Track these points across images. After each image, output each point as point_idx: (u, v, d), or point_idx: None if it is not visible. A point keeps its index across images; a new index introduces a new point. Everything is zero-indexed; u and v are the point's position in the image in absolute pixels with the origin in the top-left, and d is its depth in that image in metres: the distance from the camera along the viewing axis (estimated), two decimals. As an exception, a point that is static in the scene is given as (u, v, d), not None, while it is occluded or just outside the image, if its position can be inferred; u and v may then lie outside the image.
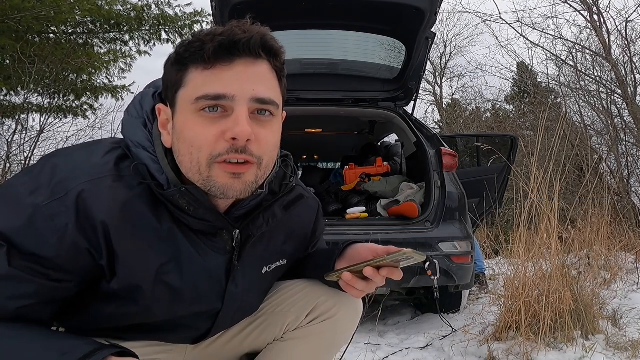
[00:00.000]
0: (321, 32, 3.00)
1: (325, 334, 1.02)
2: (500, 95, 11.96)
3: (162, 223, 0.77)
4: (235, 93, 0.72)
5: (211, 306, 0.87)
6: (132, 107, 0.84)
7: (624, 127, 6.32)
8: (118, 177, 0.74)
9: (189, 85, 0.74)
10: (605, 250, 3.33)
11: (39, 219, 0.69)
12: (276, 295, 1.02)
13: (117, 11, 7.83)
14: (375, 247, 0.92)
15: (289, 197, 0.94)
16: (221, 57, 0.72)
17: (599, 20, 6.81)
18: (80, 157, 0.77)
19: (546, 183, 2.38)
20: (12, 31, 6.53)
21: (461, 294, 2.92)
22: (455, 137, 5.91)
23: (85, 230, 0.71)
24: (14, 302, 0.69)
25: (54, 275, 0.70)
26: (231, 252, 0.85)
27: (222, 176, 0.74)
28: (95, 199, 0.71)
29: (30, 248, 0.68)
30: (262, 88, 0.75)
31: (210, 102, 0.72)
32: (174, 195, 0.75)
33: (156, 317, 0.82)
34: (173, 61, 0.76)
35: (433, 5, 2.61)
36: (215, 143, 0.72)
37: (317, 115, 3.58)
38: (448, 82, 15.84)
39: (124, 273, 0.75)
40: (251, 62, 0.74)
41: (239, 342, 1.02)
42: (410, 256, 0.81)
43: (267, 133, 0.76)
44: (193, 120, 0.73)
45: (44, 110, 6.13)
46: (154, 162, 0.76)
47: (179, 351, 0.95)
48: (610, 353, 1.97)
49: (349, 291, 0.90)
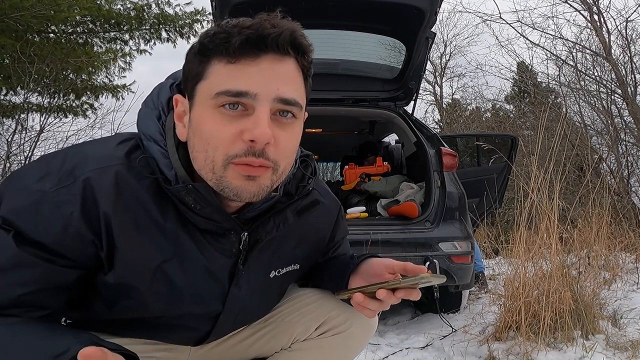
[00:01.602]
0: (321, 32, 3.00)
1: (335, 348, 0.99)
2: (500, 95, 11.98)
3: (167, 219, 0.75)
4: (259, 91, 0.68)
5: (211, 307, 0.85)
6: (150, 99, 0.81)
7: (624, 127, 6.31)
8: (127, 167, 0.72)
9: (210, 78, 0.70)
10: (605, 250, 3.33)
11: (46, 206, 0.68)
12: (287, 304, 1.00)
13: (117, 10, 7.82)
14: (392, 263, 0.86)
15: (304, 201, 0.90)
16: (247, 51, 0.68)
17: (599, 20, 6.81)
18: (93, 147, 0.76)
19: (546, 183, 2.38)
20: (11, 30, 6.52)
21: (461, 294, 2.92)
22: (455, 137, 5.91)
23: (90, 220, 0.69)
24: (18, 289, 0.68)
25: (58, 262, 0.69)
26: (237, 254, 0.83)
27: (236, 178, 0.70)
28: (101, 188, 0.69)
29: (35, 234, 0.67)
30: (287, 88, 0.70)
31: (230, 99, 0.68)
32: (180, 191, 0.72)
33: (154, 313, 0.81)
34: (196, 51, 0.72)
35: (433, 5, 2.61)
36: (232, 143, 0.69)
37: (317, 115, 3.57)
38: (448, 82, 15.88)
39: (121, 267, 0.73)
40: (278, 59, 0.70)
41: (245, 347, 1.00)
42: (427, 280, 0.76)
43: (287, 136, 0.72)
44: (211, 116, 0.69)
45: (44, 110, 6.12)
46: (164, 156, 0.74)
47: (182, 351, 0.94)
48: (610, 353, 1.97)
49: (361, 311, 0.85)
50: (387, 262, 0.87)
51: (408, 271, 0.82)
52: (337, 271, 0.96)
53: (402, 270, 0.83)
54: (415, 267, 0.81)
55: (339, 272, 0.95)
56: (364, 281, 0.88)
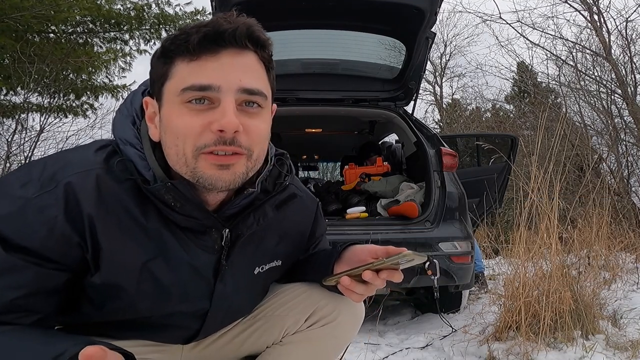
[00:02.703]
0: (321, 32, 3.00)
1: (324, 339, 1.01)
2: (500, 95, 11.96)
3: (149, 220, 0.76)
4: (221, 84, 0.71)
5: (199, 305, 0.87)
6: (123, 106, 0.84)
7: (624, 127, 6.31)
8: (107, 170, 0.74)
9: (175, 77, 0.73)
10: (605, 250, 3.33)
11: (29, 211, 0.69)
12: (275, 299, 1.02)
13: (117, 10, 7.84)
14: (374, 248, 0.90)
15: (281, 196, 0.93)
16: (206, 47, 0.72)
17: (599, 20, 6.81)
18: (72, 154, 0.78)
19: (546, 183, 2.38)
20: (11, 30, 6.53)
21: (461, 294, 2.92)
22: (455, 137, 5.91)
23: (74, 222, 0.71)
24: (10, 293, 0.69)
25: (46, 265, 0.71)
26: (220, 251, 0.84)
27: (209, 168, 0.73)
28: (83, 191, 0.71)
29: (21, 240, 0.69)
30: (249, 79, 0.74)
31: (196, 94, 0.71)
32: (159, 190, 0.74)
33: (142, 313, 0.82)
34: (159, 55, 0.76)
35: (433, 5, 2.61)
36: (200, 134, 0.71)
37: (317, 115, 3.58)
38: (448, 82, 15.88)
39: (107, 268, 0.74)
40: (237, 53, 0.73)
41: (237, 345, 1.01)
42: (410, 258, 0.79)
43: (256, 123, 0.75)
44: (178, 112, 0.72)
45: (44, 110, 6.13)
46: (141, 158, 0.76)
47: (173, 351, 0.94)
48: (610, 353, 1.97)
49: (349, 295, 0.88)
50: (370, 247, 0.91)
51: (391, 254, 0.85)
52: (321, 261, 0.98)
53: (385, 254, 0.86)
54: (398, 250, 0.84)
55: (323, 261, 0.97)
56: (349, 267, 0.90)
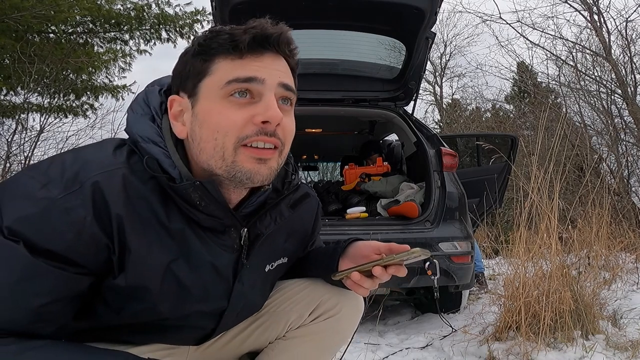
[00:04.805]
0: (321, 31, 3.00)
1: (327, 332, 1.02)
2: (500, 95, 11.98)
3: (172, 220, 0.76)
4: (266, 77, 0.75)
5: (217, 304, 0.87)
6: (137, 105, 0.83)
7: (624, 127, 6.32)
8: (131, 170, 0.73)
9: (216, 72, 0.75)
10: (605, 250, 3.33)
11: (54, 213, 0.66)
12: (278, 294, 1.02)
13: (117, 10, 7.84)
14: (377, 244, 0.92)
15: (295, 195, 0.95)
16: (253, 48, 0.75)
17: (599, 20, 6.82)
18: (90, 152, 0.76)
19: (546, 183, 2.38)
20: (11, 30, 6.53)
21: (461, 294, 2.92)
22: (455, 137, 5.91)
23: (103, 223, 0.69)
24: (36, 300, 0.66)
25: (70, 270, 0.68)
26: (239, 250, 0.85)
27: (248, 161, 0.74)
28: (111, 191, 0.69)
29: (45, 243, 0.66)
30: (286, 76, 0.79)
31: (241, 85, 0.74)
32: (186, 188, 0.74)
33: (162, 315, 0.80)
34: (196, 52, 0.77)
35: (433, 5, 2.60)
36: (243, 127, 0.73)
37: (317, 115, 3.57)
38: (448, 82, 15.90)
39: (133, 269, 0.73)
40: (276, 57, 0.78)
41: (241, 341, 1.01)
42: (417, 254, 0.82)
43: (288, 121, 0.79)
44: (220, 105, 0.74)
45: (44, 110, 6.13)
46: (166, 156, 0.76)
47: (181, 353, 0.94)
48: (610, 353, 1.97)
49: (356, 290, 0.91)
50: (373, 244, 0.94)
51: (393, 251, 0.89)
52: (325, 257, 1.00)
53: (388, 250, 0.90)
54: (400, 247, 0.88)
55: (327, 257, 0.99)
56: (353, 263, 0.93)
